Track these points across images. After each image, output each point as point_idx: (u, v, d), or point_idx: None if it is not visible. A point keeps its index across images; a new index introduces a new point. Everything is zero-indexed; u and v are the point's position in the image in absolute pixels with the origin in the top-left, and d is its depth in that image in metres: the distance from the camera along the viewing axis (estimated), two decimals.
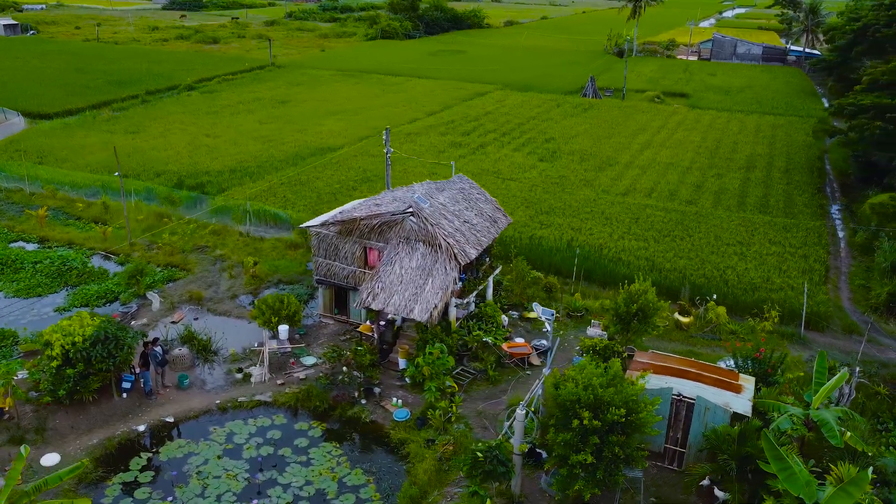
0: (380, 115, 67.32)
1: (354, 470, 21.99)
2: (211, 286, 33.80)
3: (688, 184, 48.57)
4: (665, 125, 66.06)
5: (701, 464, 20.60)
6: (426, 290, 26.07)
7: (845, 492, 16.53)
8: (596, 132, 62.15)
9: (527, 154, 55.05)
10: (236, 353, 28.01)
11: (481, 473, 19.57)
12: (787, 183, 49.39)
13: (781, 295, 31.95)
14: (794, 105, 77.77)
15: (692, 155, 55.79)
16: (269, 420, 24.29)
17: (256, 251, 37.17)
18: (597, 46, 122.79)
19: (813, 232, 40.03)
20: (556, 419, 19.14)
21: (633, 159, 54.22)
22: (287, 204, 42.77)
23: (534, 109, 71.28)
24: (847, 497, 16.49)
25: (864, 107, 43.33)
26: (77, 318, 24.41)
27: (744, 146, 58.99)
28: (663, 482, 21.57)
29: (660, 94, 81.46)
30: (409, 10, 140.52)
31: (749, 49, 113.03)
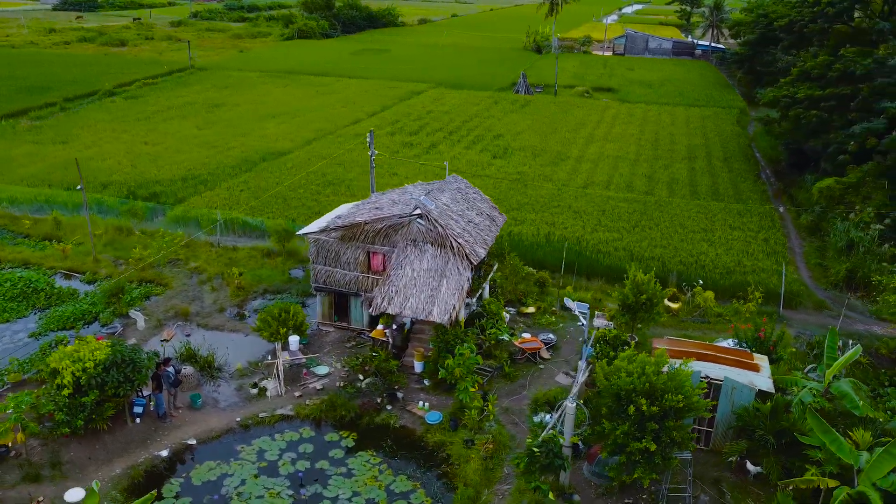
0: (320, 116, 66.29)
1: (398, 477, 21.83)
2: (195, 300, 32.48)
3: (640, 175, 50.56)
4: (602, 119, 68.33)
5: (736, 441, 21.72)
6: (442, 291, 26.11)
7: (889, 454, 17.97)
8: (540, 128, 63.54)
9: (479, 151, 55.66)
10: (242, 367, 27.13)
11: (539, 468, 19.94)
12: (729, 171, 52.29)
13: (756, 277, 33.90)
14: (713, 97, 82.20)
15: (636, 147, 58.05)
16: (296, 434, 23.70)
17: (232, 262, 35.97)
18: (515, 44, 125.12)
19: (765, 216, 42.64)
20: (609, 408, 19.74)
21: (582, 153, 55.86)
22: (254, 211, 41.51)
23: (473, 107, 72.01)
24: (891, 459, 17.92)
25: (800, 98, 46.43)
26: (84, 342, 22.97)
27: (680, 137, 61.90)
28: (695, 461, 22.57)
29: (589, 90, 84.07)
30: (325, 9, 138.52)
31: (660, 44, 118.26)
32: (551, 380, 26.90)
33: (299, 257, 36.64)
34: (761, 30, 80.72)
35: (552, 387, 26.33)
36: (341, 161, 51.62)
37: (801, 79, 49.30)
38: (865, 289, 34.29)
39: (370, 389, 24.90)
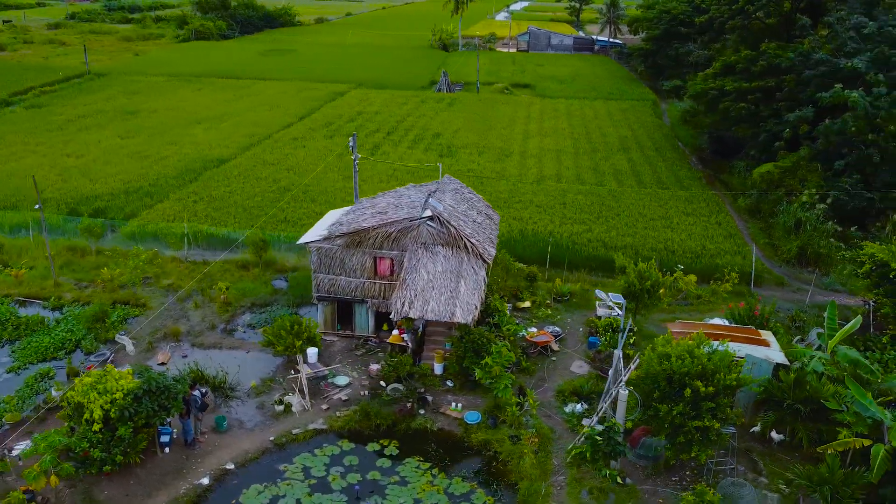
0: (247, 120, 64.22)
1: (453, 479, 21.89)
2: (180, 319, 30.91)
3: (585, 168, 52.48)
4: (530, 115, 70.14)
5: (764, 413, 23.31)
6: (461, 291, 26.29)
7: None
8: (474, 125, 64.44)
9: (424, 151, 55.83)
10: (257, 385, 26.18)
11: (602, 455, 20.66)
12: (664, 160, 55.22)
13: (722, 259, 36.18)
14: (624, 90, 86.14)
15: (571, 141, 60.10)
16: (335, 447, 23.21)
17: (206, 276, 34.44)
18: (420, 42, 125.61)
19: (710, 201, 45.45)
20: (662, 392, 20.71)
21: (523, 148, 57.23)
22: (215, 223, 39.86)
23: (402, 107, 71.95)
24: None
25: (728, 90, 49.72)
26: (106, 373, 21.46)
27: (608, 130, 64.63)
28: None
29: (508, 86, 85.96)
30: (220, 9, 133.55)
31: (562, 41, 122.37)
32: (567, 371, 27.70)
33: (278, 267, 35.66)
34: (665, 25, 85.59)
35: (570, 377, 27.14)
36: (290, 166, 50.36)
37: (724, 72, 52.71)
38: (816, 263, 37.39)
39: (400, 395, 24.74)
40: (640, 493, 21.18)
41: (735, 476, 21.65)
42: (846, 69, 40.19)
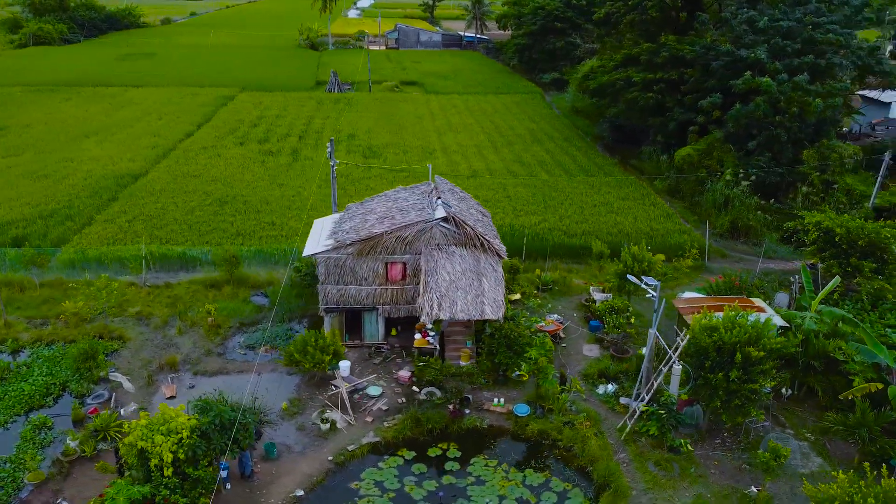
0: (142, 131, 59.82)
1: (525, 471, 22.38)
2: (168, 348, 28.75)
3: (510, 160, 54.14)
4: (432, 112, 70.91)
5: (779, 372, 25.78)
6: (486, 288, 26.67)
7: None
8: (384, 125, 64.20)
9: (346, 153, 54.94)
10: (287, 406, 25.08)
11: (670, 427, 22.07)
12: (577, 150, 58.19)
13: (672, 238, 39.05)
14: (509, 84, 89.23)
15: (484, 136, 61.63)
16: (397, 458, 22.89)
17: (175, 299, 32.23)
18: (286, 42, 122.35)
19: (635, 186, 48.66)
20: (713, 361, 22.39)
21: (444, 145, 57.95)
22: (163, 242, 37.11)
23: (301, 109, 70.09)
24: None
25: (636, 81, 53.29)
26: (159, 413, 19.75)
27: (513, 123, 66.90)
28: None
29: (398, 84, 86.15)
30: (58, 10, 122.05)
31: (431, 37, 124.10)
32: (580, 355, 28.93)
33: (251, 283, 34.00)
34: (541, 21, 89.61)
35: (586, 360, 28.39)
36: (215, 177, 47.72)
37: (625, 63, 56.35)
38: (746, 235, 41.37)
39: (438, 398, 24.81)
40: (697, 459, 22.81)
41: (767, 432, 23.88)
42: (749, 59, 44.63)
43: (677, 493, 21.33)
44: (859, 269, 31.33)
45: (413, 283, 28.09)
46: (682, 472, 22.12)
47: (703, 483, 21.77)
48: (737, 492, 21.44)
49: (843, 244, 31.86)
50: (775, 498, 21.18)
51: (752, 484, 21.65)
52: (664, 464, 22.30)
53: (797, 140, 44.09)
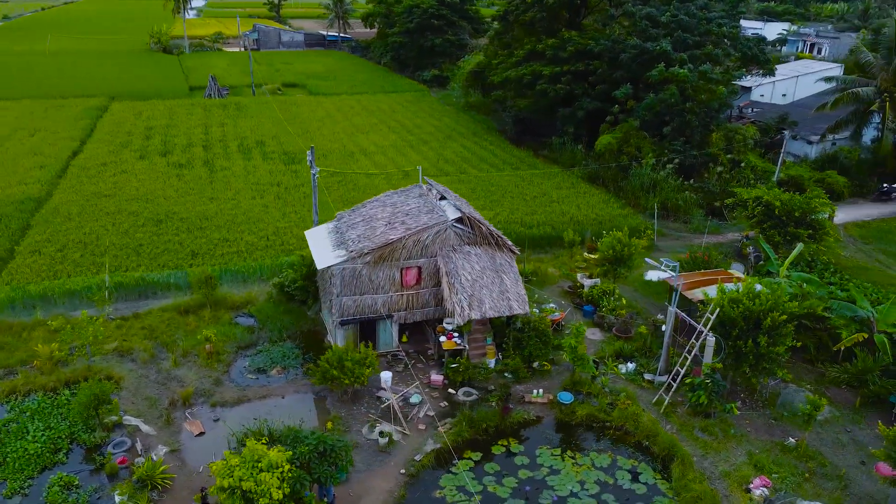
0: (19, 150, 53.46)
1: (590, 454, 23.27)
2: (169, 382, 26.54)
3: (434, 158, 54.55)
4: (330, 114, 69.51)
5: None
6: (508, 285, 27.18)
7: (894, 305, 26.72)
8: (291, 130, 62.09)
9: (263, 160, 52.73)
10: (333, 426, 24.18)
11: (714, 395, 23.94)
12: (491, 144, 59.77)
13: (617, 221, 41.54)
14: (391, 82, 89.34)
15: (395, 135, 61.53)
16: (467, 461, 22.89)
17: (152, 330, 29.75)
18: (133, 45, 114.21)
19: (562, 175, 50.96)
20: (740, 329, 24.46)
21: (361, 147, 57.17)
22: (115, 270, 33.86)
23: (190, 117, 65.93)
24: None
25: (545, 75, 55.61)
26: (248, 450, 18.43)
27: (416, 121, 67.30)
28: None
29: (280, 87, 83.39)
30: None
31: (293, 37, 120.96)
32: (585, 339, 30.19)
33: (229, 304, 32.04)
34: (418, 19, 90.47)
35: (593, 344, 29.72)
36: (132, 196, 43.98)
37: (528, 58, 58.57)
38: (675, 213, 44.89)
39: (478, 397, 25.17)
40: (731, 420, 24.86)
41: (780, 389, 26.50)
42: (656, 51, 48.27)
43: (730, 453, 23.19)
44: (797, 236, 35.28)
45: (428, 287, 27.97)
46: (724, 434, 24.04)
47: (747, 441, 23.82)
48: (777, 444, 23.67)
49: (781, 215, 35.75)
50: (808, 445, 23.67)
51: (788, 436, 24.02)
52: (710, 429, 24.12)
53: (704, 124, 48.39)
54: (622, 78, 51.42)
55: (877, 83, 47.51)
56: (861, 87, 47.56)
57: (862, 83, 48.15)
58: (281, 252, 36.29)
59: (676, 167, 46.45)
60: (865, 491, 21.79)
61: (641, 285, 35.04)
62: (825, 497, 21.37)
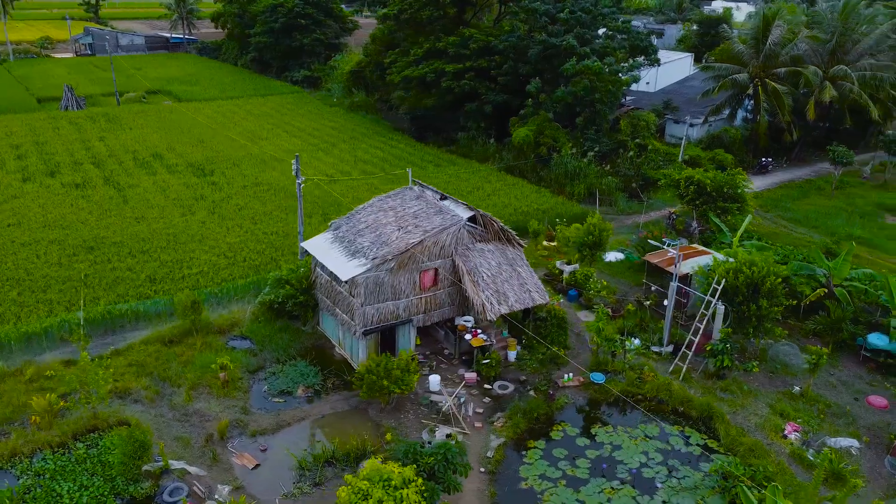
0: None
1: (639, 426, 24.80)
2: (191, 417, 24.61)
3: (349, 160, 53.73)
4: (216, 121, 65.89)
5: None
6: (525, 277, 28.01)
7: (846, 261, 30.86)
8: (181, 139, 58.30)
9: (170, 173, 49.17)
10: (392, 436, 23.77)
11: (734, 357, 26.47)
12: (398, 142, 59.89)
13: (554, 210, 43.63)
14: (262, 85, 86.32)
15: (298, 140, 59.78)
16: (534, 450, 23.51)
17: (141, 367, 27.29)
18: None
19: (486, 170, 52.31)
20: (744, 296, 27.17)
21: (273, 154, 54.94)
22: (65, 306, 30.38)
23: (57, 132, 59.67)
24: (847, 263, 30.85)
25: (448, 72, 56.56)
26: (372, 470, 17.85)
27: (311, 124, 65.72)
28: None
29: (144, 94, 77.47)
30: None
31: (132, 40, 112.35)
32: (580, 322, 31.80)
33: (216, 329, 30.04)
34: (283, 19, 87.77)
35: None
36: (46, 223, 39.39)
37: (427, 56, 59.29)
38: (600, 198, 47.94)
39: (513, 390, 26.04)
40: (739, 379, 27.52)
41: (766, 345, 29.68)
42: (563, 46, 51.00)
43: (754, 406, 25.73)
44: (727, 210, 39.33)
45: (444, 288, 28.11)
46: (741, 391, 26.64)
47: (761, 395, 26.57)
48: (785, 394, 26.63)
49: (712, 192, 39.60)
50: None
51: (788, 386, 27.09)
52: (729, 388, 26.61)
53: (611, 113, 51.99)
54: (529, 73, 53.73)
55: (749, 70, 53.59)
56: (736, 74, 53.41)
57: (735, 70, 54.08)
58: (248, 269, 34.45)
59: (597, 154, 49.53)
60: (870, 422, 25.21)
61: (603, 266, 37.30)
62: (844, 433, 24.51)
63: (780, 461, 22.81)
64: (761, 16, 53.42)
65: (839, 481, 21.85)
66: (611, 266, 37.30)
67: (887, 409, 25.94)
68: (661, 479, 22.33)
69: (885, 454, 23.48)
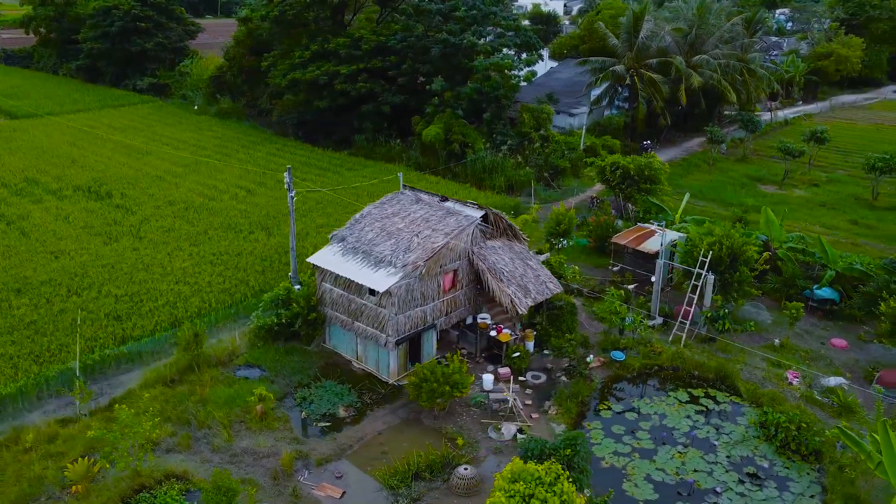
0: None
1: (668, 395, 26.85)
2: (243, 458, 22.78)
3: (257, 172, 51.02)
4: (76, 138, 59.30)
5: None
6: (537, 269, 28.94)
7: (781, 226, 35.27)
8: (50, 161, 51.94)
9: (60, 199, 43.82)
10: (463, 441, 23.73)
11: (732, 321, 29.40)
12: (295, 148, 57.80)
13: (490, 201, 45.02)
14: (105, 95, 78.91)
15: (187, 152, 55.61)
16: (595, 431, 24.64)
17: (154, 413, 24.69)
18: None
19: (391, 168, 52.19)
20: (724, 263, 30.21)
21: (168, 169, 50.66)
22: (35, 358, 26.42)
23: None
24: (782, 228, 35.28)
25: (343, 73, 55.43)
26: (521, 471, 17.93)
27: (189, 136, 61.50)
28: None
29: None
30: None
31: None
32: None
33: (216, 361, 27.78)
34: (120, 23, 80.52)
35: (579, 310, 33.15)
36: None
37: (314, 58, 57.76)
38: (518, 190, 50.02)
39: (543, 381, 27.18)
40: (729, 339, 30.58)
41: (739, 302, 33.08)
42: (466, 44, 52.26)
43: (752, 362, 28.82)
44: (650, 192, 43.03)
45: (462, 289, 28.28)
46: (734, 350, 29.69)
47: (749, 351, 29.75)
48: (768, 347, 30.07)
49: (636, 176, 43.04)
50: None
51: (765, 340, 30.63)
52: (724, 349, 29.53)
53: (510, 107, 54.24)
54: (428, 72, 54.41)
55: (624, 62, 58.44)
56: (614, 66, 58.03)
57: (612, 63, 58.72)
58: (220, 294, 32.02)
59: (510, 148, 51.48)
60: (841, 361, 29.30)
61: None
62: (829, 373, 28.30)
63: (799, 405, 25.93)
64: (631, 12, 58.40)
65: (850, 413, 25.40)
66: (566, 251, 39.29)
67: (847, 348, 30.29)
68: (714, 438, 24.48)
69: (867, 387, 27.49)
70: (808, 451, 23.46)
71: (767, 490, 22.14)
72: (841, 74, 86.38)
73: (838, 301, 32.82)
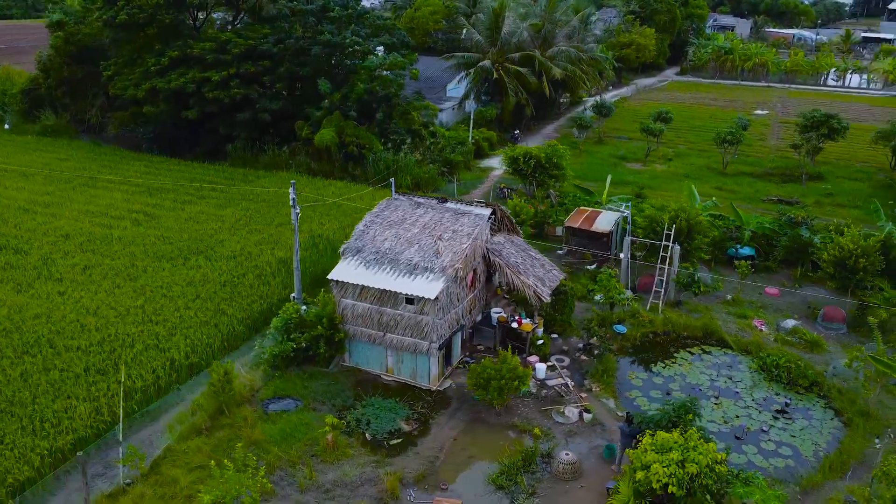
0: None
1: (676, 356, 29.66)
2: (338, 491, 21.55)
3: (145, 198, 46.11)
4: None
5: None
6: (540, 259, 30.16)
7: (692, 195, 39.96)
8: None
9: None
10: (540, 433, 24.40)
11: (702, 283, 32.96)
12: (160, 163, 52.77)
13: None
14: None
15: (50, 184, 48.45)
16: (639, 398, 26.60)
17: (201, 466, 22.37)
18: None
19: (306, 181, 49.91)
20: (683, 233, 33.77)
21: (27, 197, 43.80)
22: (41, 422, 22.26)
23: None
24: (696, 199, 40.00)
25: (214, 80, 51.46)
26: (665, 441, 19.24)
27: (28, 158, 53.38)
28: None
29: None
30: None
31: None
32: None
33: (243, 397, 25.54)
34: None
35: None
36: None
37: (173, 65, 53.08)
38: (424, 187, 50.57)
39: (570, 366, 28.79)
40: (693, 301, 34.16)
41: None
42: (348, 44, 51.25)
43: (720, 316, 32.64)
44: (558, 177, 46.18)
45: (480, 286, 28.68)
46: (701, 309, 33.37)
47: (714, 308, 33.62)
48: (725, 302, 34.19)
49: (546, 164, 45.86)
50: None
51: (721, 296, 34.77)
52: (694, 309, 33.08)
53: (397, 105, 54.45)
54: (309, 74, 52.71)
55: (489, 57, 61.22)
56: (481, 62, 60.59)
57: (478, 59, 61.24)
58: (203, 328, 29.10)
59: (411, 147, 51.72)
60: (782, 305, 34.26)
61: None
62: (782, 317, 32.95)
63: (780, 347, 30.09)
64: (491, 10, 61.29)
65: (818, 347, 30.08)
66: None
67: (779, 295, 35.42)
68: (734, 387, 27.66)
69: (815, 323, 32.49)
70: (808, 383, 27.50)
71: (798, 421, 25.68)
72: (640, 61, 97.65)
73: (756, 256, 38.07)
